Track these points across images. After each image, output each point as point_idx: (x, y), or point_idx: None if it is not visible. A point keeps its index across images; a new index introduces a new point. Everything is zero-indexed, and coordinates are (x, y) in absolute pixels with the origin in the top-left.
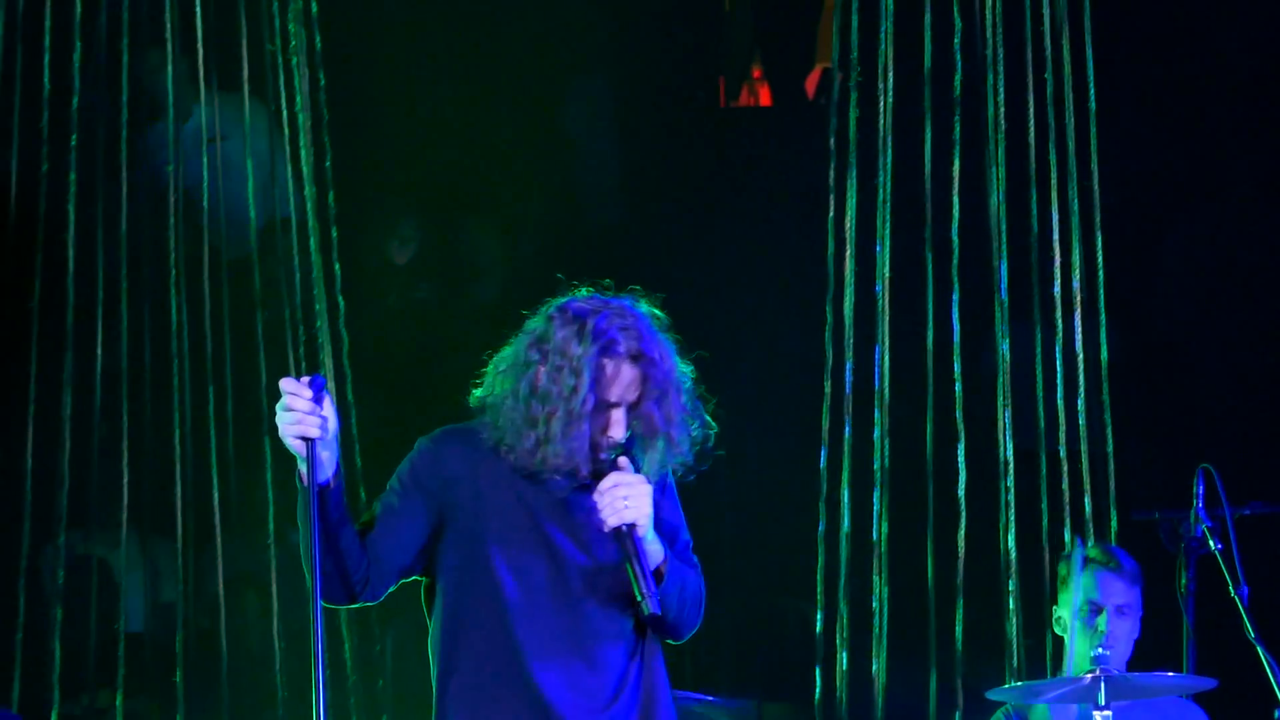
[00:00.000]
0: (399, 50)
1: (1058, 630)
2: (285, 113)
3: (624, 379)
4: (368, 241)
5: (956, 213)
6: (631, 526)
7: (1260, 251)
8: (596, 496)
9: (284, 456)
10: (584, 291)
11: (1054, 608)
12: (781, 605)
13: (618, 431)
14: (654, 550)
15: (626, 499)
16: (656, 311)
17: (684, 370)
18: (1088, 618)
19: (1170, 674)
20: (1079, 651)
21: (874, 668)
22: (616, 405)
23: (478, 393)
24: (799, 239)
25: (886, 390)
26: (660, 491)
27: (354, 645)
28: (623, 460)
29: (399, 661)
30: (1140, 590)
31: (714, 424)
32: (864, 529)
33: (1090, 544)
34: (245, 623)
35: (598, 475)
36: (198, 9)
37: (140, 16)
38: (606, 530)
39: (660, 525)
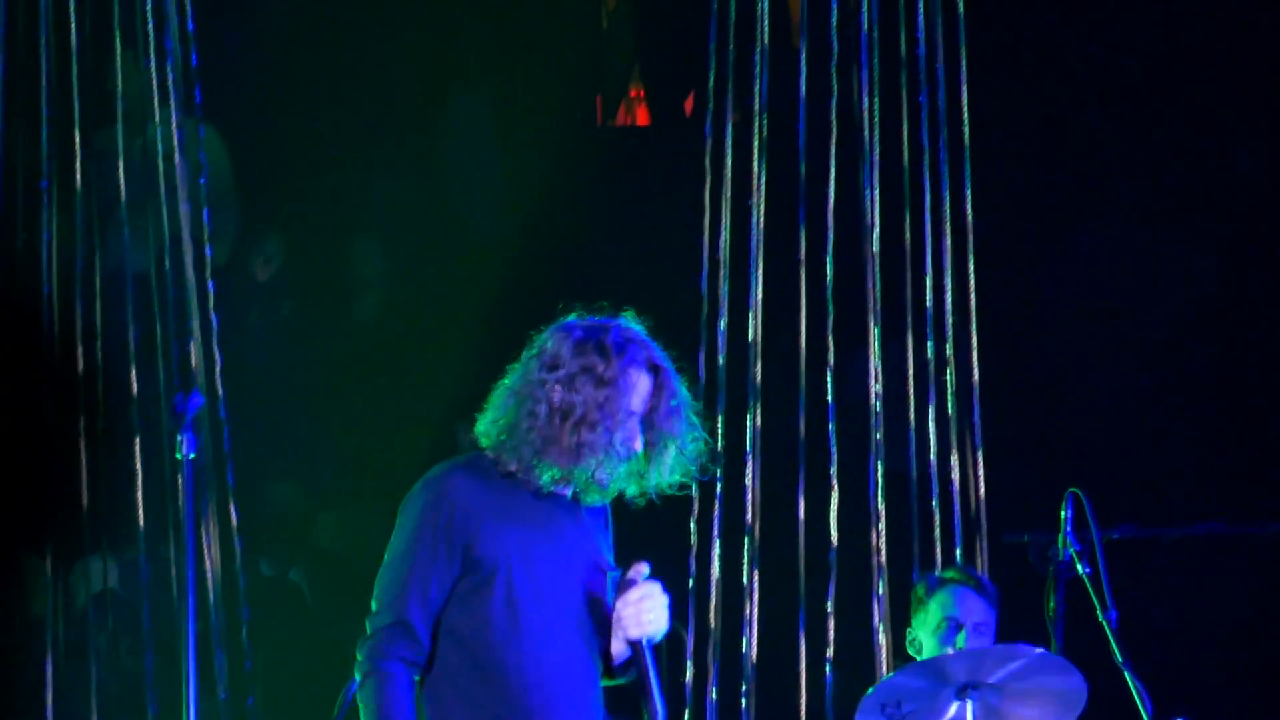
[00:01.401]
0: (277, 62)
1: (911, 652)
2: (160, 130)
3: (642, 389)
4: (240, 258)
5: (831, 234)
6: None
7: (1134, 275)
8: (622, 606)
9: (153, 475)
10: (575, 314)
11: (908, 630)
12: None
13: (637, 443)
14: None
15: (651, 612)
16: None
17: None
18: (946, 634)
19: (1038, 650)
20: None
21: (743, 688)
22: (633, 416)
23: (483, 424)
24: (675, 258)
25: (759, 411)
26: (605, 523)
27: (225, 662)
28: (640, 566)
29: (268, 678)
30: (997, 613)
31: (710, 438)
32: (736, 545)
33: (949, 567)
34: (114, 640)
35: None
36: (71, 22)
37: (16, 30)
38: (627, 640)
39: (604, 557)
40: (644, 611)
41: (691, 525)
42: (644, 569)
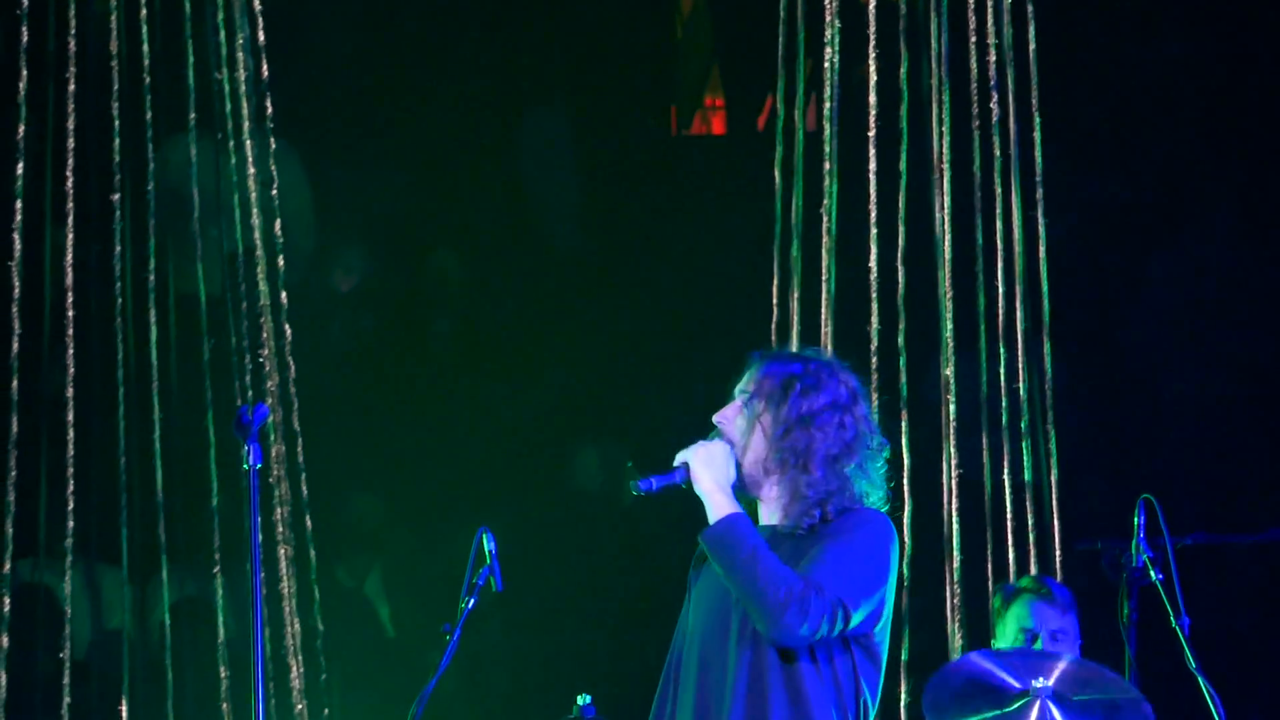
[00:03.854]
0: (350, 79)
1: None
2: (232, 141)
3: None
4: (316, 270)
5: (902, 242)
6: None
7: (1208, 283)
8: None
9: (229, 483)
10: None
11: (991, 641)
12: None
13: None
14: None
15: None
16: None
17: None
18: (1024, 646)
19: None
20: None
21: None
22: None
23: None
24: (747, 266)
25: None
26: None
27: (300, 674)
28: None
29: (345, 691)
30: (1075, 616)
31: None
32: None
33: (1023, 577)
34: (191, 652)
35: None
36: (144, 38)
37: (87, 45)
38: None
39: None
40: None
41: None
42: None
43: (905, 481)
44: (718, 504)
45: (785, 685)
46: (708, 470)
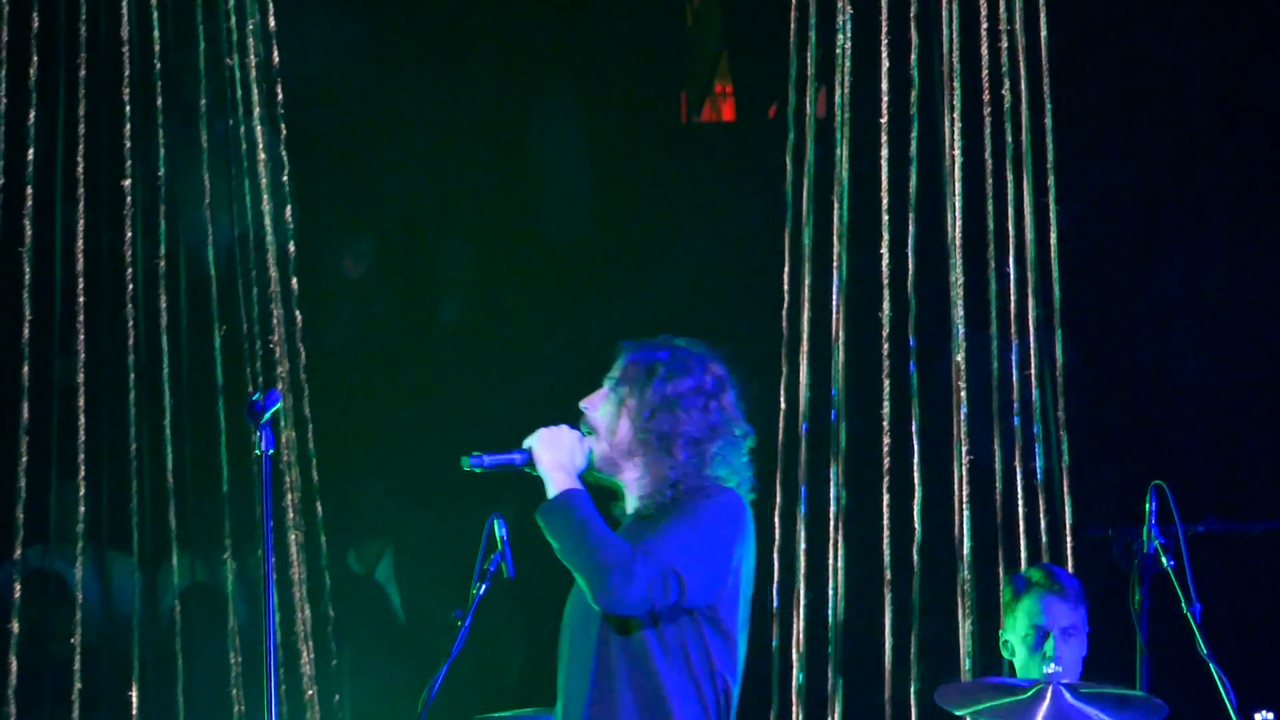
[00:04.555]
0: (361, 67)
1: (1005, 654)
2: (243, 127)
3: None
4: (326, 257)
5: (913, 229)
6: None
7: (1220, 269)
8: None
9: (239, 469)
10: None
11: (1000, 631)
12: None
13: None
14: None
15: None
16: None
17: None
18: (1035, 643)
19: (1122, 691)
20: (1028, 676)
21: (829, 684)
22: None
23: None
24: (758, 254)
25: (843, 404)
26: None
27: (311, 659)
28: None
29: (356, 677)
30: (1085, 609)
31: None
32: (821, 531)
33: (1031, 567)
34: (201, 638)
35: None
36: (155, 24)
37: (98, 30)
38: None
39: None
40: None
41: (775, 519)
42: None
43: (916, 468)
44: (557, 481)
45: (632, 664)
46: (550, 452)
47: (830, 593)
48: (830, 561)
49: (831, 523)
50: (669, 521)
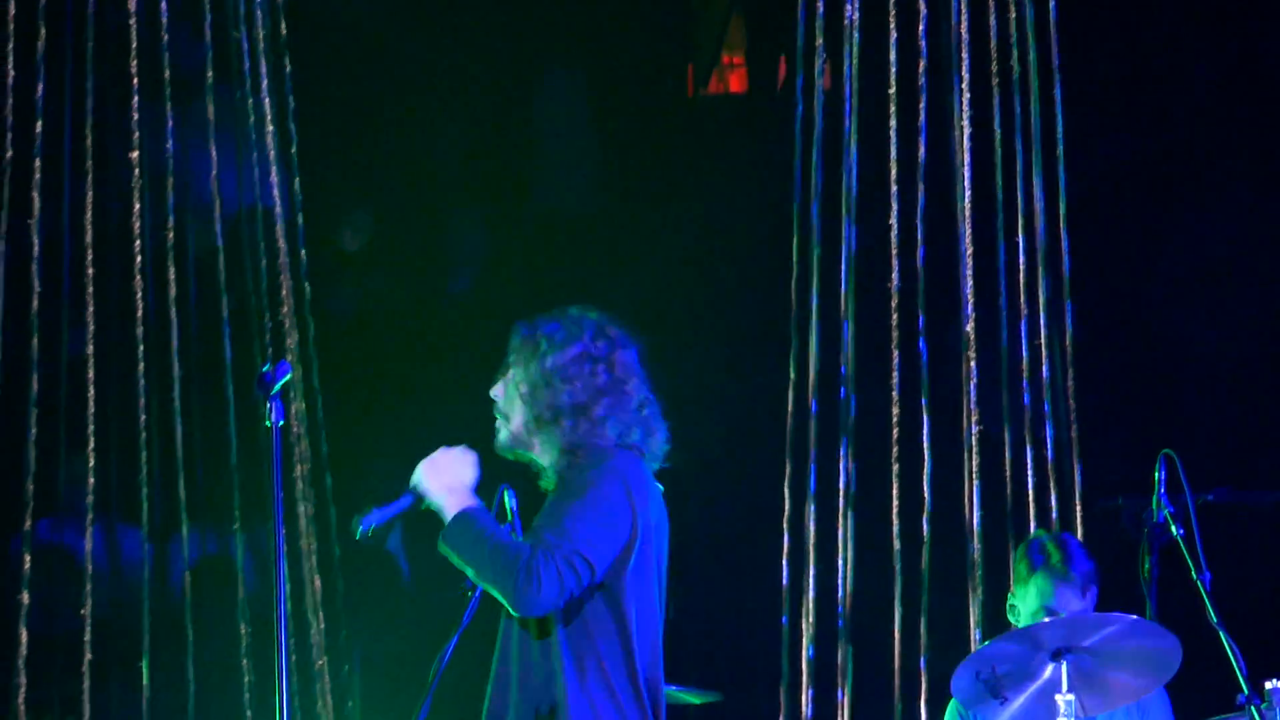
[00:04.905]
0: (369, 40)
1: (1011, 618)
2: (251, 100)
3: None
4: (335, 229)
5: (922, 199)
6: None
7: (1232, 238)
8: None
9: (248, 442)
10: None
11: (1010, 595)
12: (750, 600)
13: None
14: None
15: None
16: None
17: None
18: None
19: (1132, 616)
20: None
21: (839, 655)
22: None
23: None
24: (766, 226)
25: (852, 376)
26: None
27: (321, 631)
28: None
29: (366, 647)
30: (1096, 592)
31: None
32: (831, 502)
33: (1049, 540)
34: (211, 610)
35: None
36: None
37: (105, 3)
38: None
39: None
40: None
41: (785, 490)
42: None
43: (925, 438)
44: (449, 506)
45: (526, 639)
46: (435, 478)
47: (840, 564)
48: (840, 533)
49: (841, 494)
50: (560, 501)
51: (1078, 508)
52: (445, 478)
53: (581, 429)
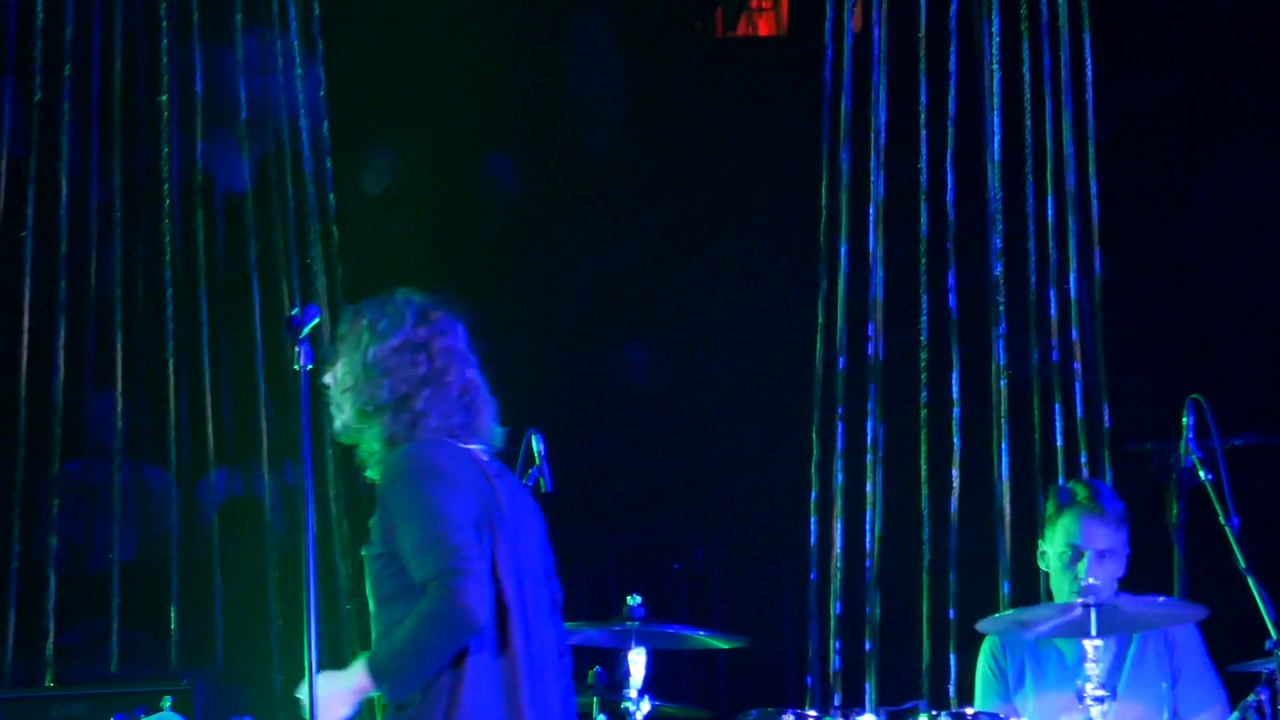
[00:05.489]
0: None
1: (1042, 565)
2: (279, 43)
3: None
4: (362, 172)
5: (951, 143)
6: None
7: (1260, 183)
8: None
9: (277, 384)
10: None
11: (1039, 541)
12: (777, 546)
13: None
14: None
15: None
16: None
17: None
18: (1069, 562)
19: (1160, 598)
20: (1061, 593)
21: (867, 603)
22: None
23: None
24: (795, 169)
25: (880, 320)
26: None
27: (348, 573)
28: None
29: None
30: (1127, 532)
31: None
32: (858, 453)
33: (1076, 482)
34: (239, 551)
35: None
36: None
37: None
38: None
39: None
40: None
41: (813, 436)
42: None
43: (955, 384)
44: (354, 685)
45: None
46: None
47: (868, 511)
48: (868, 481)
49: (869, 440)
50: (400, 522)
51: (1106, 452)
52: (330, 703)
53: (402, 421)
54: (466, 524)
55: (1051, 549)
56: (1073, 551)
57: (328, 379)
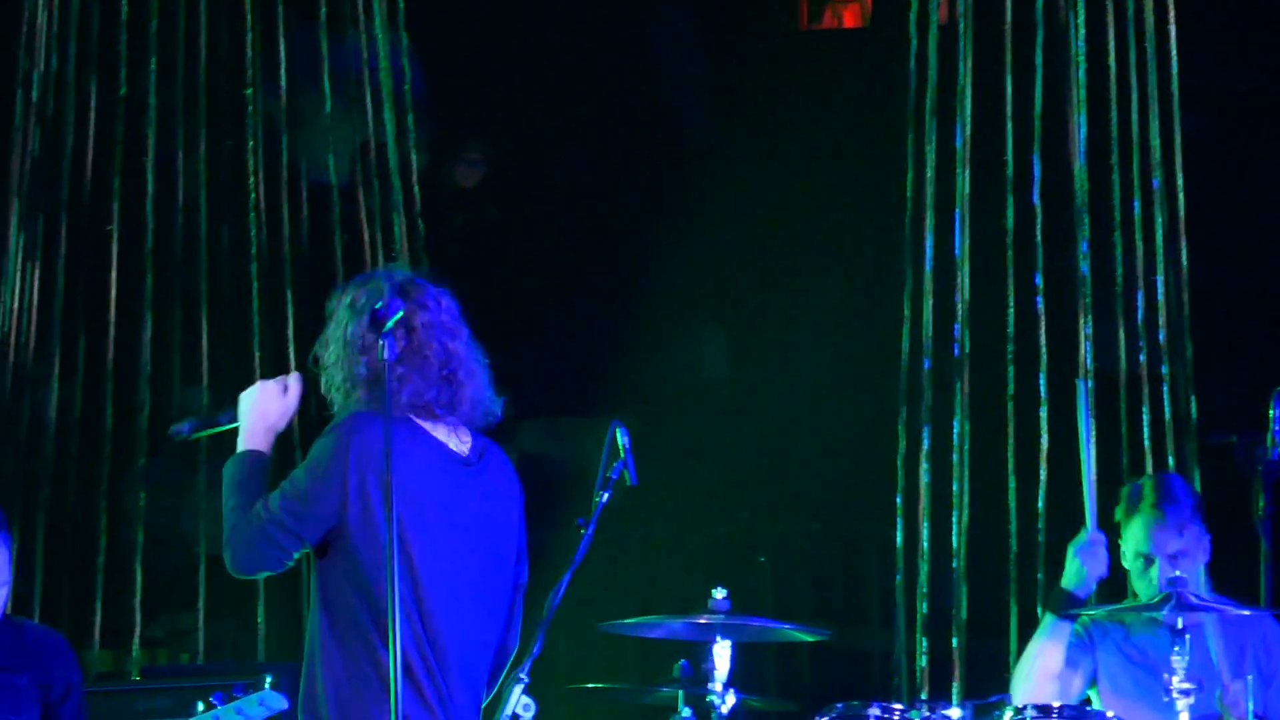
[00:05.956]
0: None
1: (1124, 563)
2: (364, 37)
3: None
4: (446, 165)
5: (1038, 135)
6: None
7: None
8: None
9: None
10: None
11: (1120, 540)
12: (862, 531)
13: None
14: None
15: None
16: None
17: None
18: (1142, 569)
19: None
20: (1142, 595)
21: (952, 602)
22: None
23: None
24: (879, 160)
25: (966, 315)
26: None
27: None
28: None
29: None
30: (1199, 525)
31: None
32: (944, 450)
33: (1146, 480)
34: None
35: None
36: None
37: None
38: None
39: None
40: None
41: (900, 431)
42: None
43: (1041, 375)
44: (243, 440)
45: (311, 611)
46: (249, 409)
47: (954, 500)
48: (955, 477)
49: (955, 435)
50: (302, 463)
51: (1192, 444)
52: (252, 417)
53: (377, 396)
54: (315, 516)
55: (1128, 549)
56: (1143, 560)
57: (317, 354)
